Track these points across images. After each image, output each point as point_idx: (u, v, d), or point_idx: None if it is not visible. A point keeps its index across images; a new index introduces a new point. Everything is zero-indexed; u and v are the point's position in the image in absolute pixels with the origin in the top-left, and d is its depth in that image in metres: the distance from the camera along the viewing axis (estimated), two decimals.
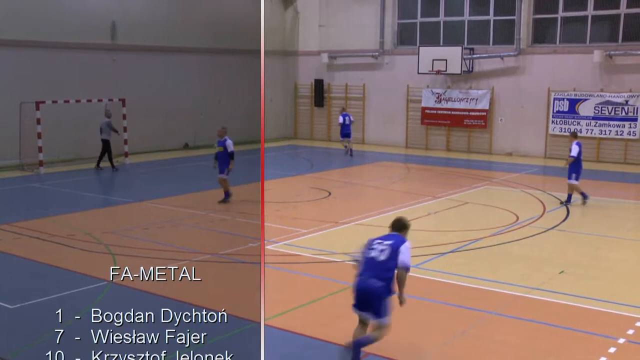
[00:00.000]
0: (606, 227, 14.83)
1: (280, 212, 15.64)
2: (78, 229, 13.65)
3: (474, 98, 27.56)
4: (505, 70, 26.97)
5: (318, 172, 22.46)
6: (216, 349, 6.28)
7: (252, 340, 6.35)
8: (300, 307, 9.59)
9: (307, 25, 32.17)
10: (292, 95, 32.87)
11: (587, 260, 12.27)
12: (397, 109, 29.75)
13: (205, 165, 22.04)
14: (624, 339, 8.50)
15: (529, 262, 11.98)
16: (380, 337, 7.39)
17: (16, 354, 7.83)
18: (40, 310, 9.14)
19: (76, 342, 6.27)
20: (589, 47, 25.13)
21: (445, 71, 27.27)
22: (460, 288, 10.51)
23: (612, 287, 10.69)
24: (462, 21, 28.06)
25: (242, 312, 7.93)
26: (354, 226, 14.58)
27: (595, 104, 24.99)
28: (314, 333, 8.63)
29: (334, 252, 12.37)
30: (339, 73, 31.37)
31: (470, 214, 16.11)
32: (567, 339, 8.58)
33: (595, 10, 25.07)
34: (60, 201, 17.21)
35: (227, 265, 11.52)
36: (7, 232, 13.48)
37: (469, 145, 28.09)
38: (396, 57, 29.70)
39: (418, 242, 13.18)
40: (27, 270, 11.26)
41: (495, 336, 8.66)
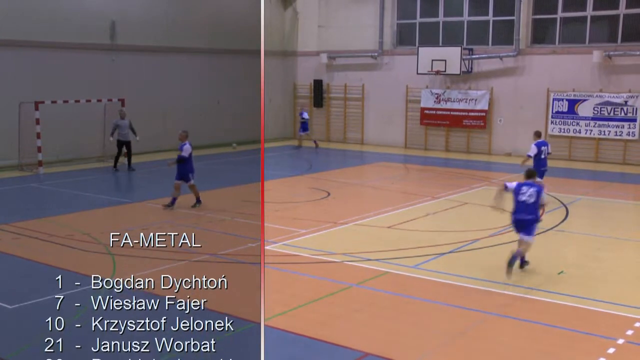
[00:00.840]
0: (605, 228, 14.83)
1: (279, 212, 15.64)
2: (77, 230, 13.65)
3: (473, 98, 27.57)
4: (505, 71, 26.98)
5: (317, 173, 22.46)
6: (216, 349, 6.28)
7: (252, 340, 6.35)
8: (299, 307, 9.59)
9: (306, 25, 32.18)
10: (291, 96, 32.87)
11: (586, 261, 12.27)
12: (396, 109, 29.76)
13: (204, 165, 22.04)
14: (623, 340, 8.51)
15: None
16: (526, 250, 11.17)
17: (15, 355, 7.83)
18: (39, 310, 9.14)
19: (74, 343, 6.26)
20: (588, 47, 25.14)
21: (444, 71, 27.28)
22: (459, 289, 10.51)
23: (611, 287, 10.70)
24: (461, 21, 28.07)
25: (242, 312, 7.93)
26: (352, 226, 14.58)
27: (594, 105, 25.01)
28: (313, 333, 8.63)
29: (333, 253, 12.37)
30: (338, 73, 31.37)
31: (469, 215, 16.12)
32: (566, 339, 8.59)
33: (594, 10, 25.09)
34: (59, 201, 17.21)
35: (226, 266, 11.52)
36: (6, 233, 13.48)
37: (468, 146, 28.10)
38: (395, 57, 29.71)
39: (417, 243, 13.19)
40: (26, 271, 11.26)
41: (494, 337, 8.66)
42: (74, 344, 6.28)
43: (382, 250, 12.62)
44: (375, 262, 11.81)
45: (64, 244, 12.70)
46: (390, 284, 10.71)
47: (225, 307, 6.88)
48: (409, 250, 12.67)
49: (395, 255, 12.31)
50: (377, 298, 10.10)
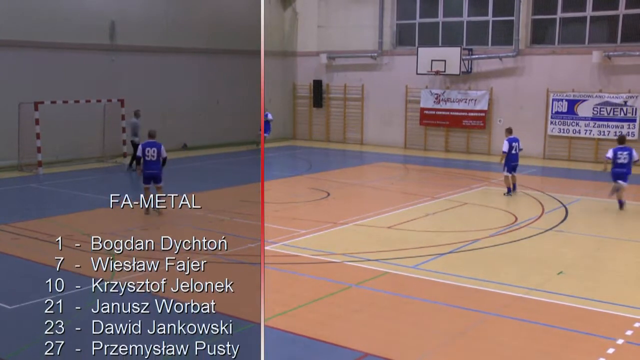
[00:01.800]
0: (605, 228, 14.84)
1: (279, 212, 15.65)
2: (77, 230, 13.65)
3: (473, 99, 27.58)
4: (504, 71, 26.99)
5: (317, 173, 22.47)
6: (216, 349, 6.28)
7: (252, 340, 6.35)
8: (299, 308, 9.60)
9: (306, 25, 32.18)
10: (290, 96, 32.88)
11: (585, 261, 12.28)
12: (395, 109, 29.77)
13: (205, 165, 22.04)
14: (622, 340, 8.51)
15: (527, 263, 11.99)
16: (623, 193, 16.34)
17: (15, 355, 7.83)
18: (39, 310, 9.13)
19: (74, 344, 6.26)
20: (587, 47, 25.15)
21: (444, 72, 27.29)
22: (459, 289, 10.51)
23: (611, 288, 10.70)
24: (460, 22, 28.08)
25: (242, 312, 7.93)
26: (352, 227, 14.59)
27: (594, 105, 25.01)
28: (313, 333, 8.63)
29: (332, 253, 12.37)
30: (338, 74, 31.38)
31: (468, 215, 16.12)
32: (566, 339, 8.59)
33: (594, 11, 25.09)
34: (58, 202, 17.20)
35: (226, 266, 11.51)
36: (6, 233, 13.48)
37: (468, 146, 28.11)
38: (395, 57, 29.72)
39: (417, 243, 13.20)
40: (25, 271, 11.26)
41: (494, 337, 8.66)
42: (73, 346, 6.28)
43: (381, 250, 12.62)
44: (375, 262, 11.81)
45: (63, 244, 12.68)
46: (390, 284, 10.71)
47: (225, 307, 6.88)
48: (408, 250, 12.68)
49: (395, 255, 12.31)
50: (377, 298, 10.10)
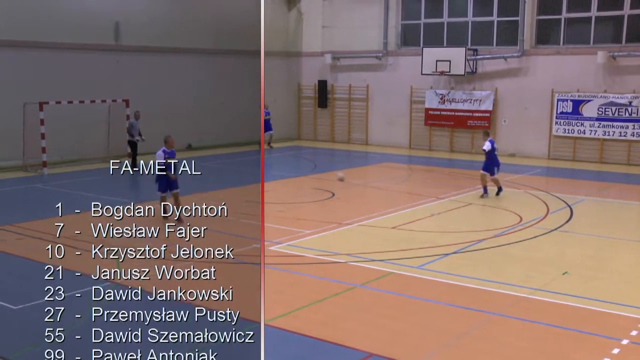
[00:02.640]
0: (609, 229, 14.80)
1: (284, 213, 15.65)
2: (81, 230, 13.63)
3: (478, 99, 27.55)
4: (509, 71, 26.95)
5: (321, 173, 22.46)
6: (216, 349, 6.28)
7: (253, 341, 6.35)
8: (304, 308, 9.60)
9: (310, 26, 32.18)
10: (295, 96, 32.89)
11: (590, 262, 12.25)
12: (400, 110, 29.75)
13: (208, 166, 22.05)
14: (627, 340, 8.49)
15: (532, 263, 11.97)
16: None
17: (19, 355, 7.84)
18: (43, 311, 9.15)
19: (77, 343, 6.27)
20: (592, 48, 25.10)
21: (448, 72, 27.26)
22: (463, 289, 10.50)
23: (616, 288, 10.67)
24: (465, 22, 28.04)
25: (244, 312, 7.93)
26: (357, 227, 14.58)
27: (598, 105, 24.95)
28: (317, 334, 8.63)
29: (337, 253, 12.37)
30: (343, 74, 31.37)
31: (473, 215, 16.10)
32: (571, 340, 8.57)
33: (598, 11, 25.04)
34: (63, 202, 17.19)
35: (229, 266, 11.51)
36: (10, 233, 13.51)
37: (473, 146, 28.07)
38: (400, 58, 29.70)
39: (421, 243, 13.19)
40: (30, 271, 11.27)
41: (498, 337, 8.65)
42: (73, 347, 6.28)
43: (386, 250, 12.61)
44: (380, 263, 11.81)
45: (67, 244, 12.70)
46: (395, 284, 10.71)
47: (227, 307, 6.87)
48: (413, 250, 12.67)
49: (400, 255, 12.30)
50: (382, 298, 10.09)
